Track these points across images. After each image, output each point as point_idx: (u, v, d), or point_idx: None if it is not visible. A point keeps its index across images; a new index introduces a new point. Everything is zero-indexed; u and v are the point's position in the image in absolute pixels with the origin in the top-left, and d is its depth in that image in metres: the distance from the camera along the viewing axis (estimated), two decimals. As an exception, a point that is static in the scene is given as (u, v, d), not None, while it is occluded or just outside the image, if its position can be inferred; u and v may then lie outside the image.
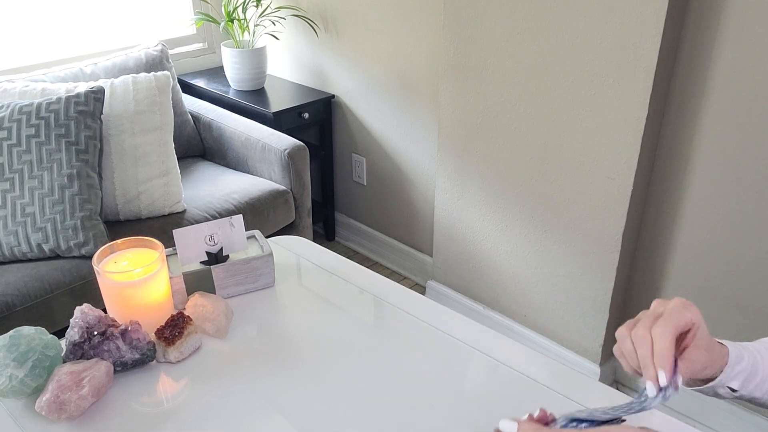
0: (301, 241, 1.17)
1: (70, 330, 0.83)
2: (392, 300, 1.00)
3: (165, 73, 1.98)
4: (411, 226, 2.43)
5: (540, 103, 1.69)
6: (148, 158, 1.90)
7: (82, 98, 1.75)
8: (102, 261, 0.90)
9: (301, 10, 2.43)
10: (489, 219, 1.95)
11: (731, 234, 1.56)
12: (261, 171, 2.17)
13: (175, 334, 0.86)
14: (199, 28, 2.66)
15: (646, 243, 1.73)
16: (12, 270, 1.65)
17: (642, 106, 1.49)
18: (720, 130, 1.50)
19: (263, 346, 0.90)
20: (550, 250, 1.83)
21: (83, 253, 1.69)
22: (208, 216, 1.93)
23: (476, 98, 1.83)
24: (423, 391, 0.82)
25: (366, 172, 2.51)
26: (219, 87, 2.51)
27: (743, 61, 1.42)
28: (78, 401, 0.76)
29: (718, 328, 1.64)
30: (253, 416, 0.78)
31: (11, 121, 1.69)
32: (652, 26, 1.41)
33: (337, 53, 2.40)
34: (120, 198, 1.87)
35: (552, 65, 1.63)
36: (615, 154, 1.58)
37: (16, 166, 1.67)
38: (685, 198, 1.62)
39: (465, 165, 1.95)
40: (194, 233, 0.97)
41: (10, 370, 0.77)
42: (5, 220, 1.65)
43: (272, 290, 1.02)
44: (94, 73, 2.13)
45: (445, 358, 0.88)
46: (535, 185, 1.79)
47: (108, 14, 2.42)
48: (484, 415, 0.75)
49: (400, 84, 2.23)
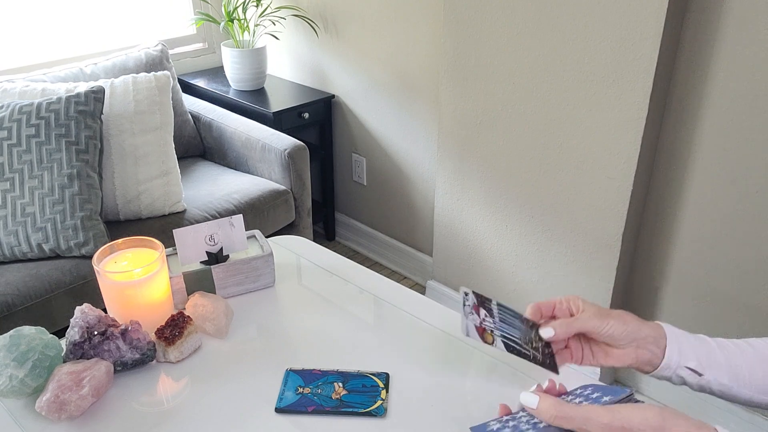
0: (301, 241, 1.17)
1: (70, 330, 0.83)
2: (392, 300, 1.00)
3: (165, 73, 1.98)
4: (411, 226, 2.43)
5: (540, 103, 1.69)
6: (148, 158, 1.90)
7: (83, 98, 1.75)
8: (102, 261, 0.90)
9: (301, 10, 2.43)
10: (489, 219, 1.95)
11: (731, 234, 1.56)
12: (261, 171, 2.17)
13: (175, 334, 0.86)
14: (199, 28, 2.66)
15: (646, 243, 1.73)
16: (12, 270, 1.65)
17: (642, 106, 1.49)
18: (720, 130, 1.50)
19: (263, 346, 0.90)
20: (550, 250, 1.83)
21: (83, 253, 1.69)
22: (208, 216, 1.93)
23: (476, 98, 1.83)
24: (422, 390, 0.82)
25: (366, 172, 2.51)
26: (219, 87, 2.51)
27: (743, 61, 1.42)
28: (78, 401, 0.76)
29: (719, 327, 1.64)
30: (253, 416, 0.78)
31: (11, 121, 1.69)
32: (652, 26, 1.41)
33: (337, 53, 2.40)
34: (120, 198, 1.87)
35: (552, 65, 1.63)
36: (615, 154, 1.58)
37: (16, 166, 1.67)
38: (685, 198, 1.62)
39: (465, 165, 1.95)
40: (194, 233, 0.97)
41: (10, 370, 0.77)
42: (5, 220, 1.65)
43: (272, 290, 1.02)
44: (94, 73, 2.13)
45: (445, 357, 0.88)
46: (535, 185, 1.79)
47: (108, 14, 2.42)
48: (485, 415, 0.75)
49: (400, 84, 2.23)
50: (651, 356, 0.74)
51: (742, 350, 0.75)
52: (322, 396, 0.80)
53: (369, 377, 0.82)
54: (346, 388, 0.81)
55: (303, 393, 0.80)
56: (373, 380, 0.82)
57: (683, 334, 0.75)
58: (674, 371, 0.74)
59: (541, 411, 0.62)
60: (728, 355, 0.74)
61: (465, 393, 0.82)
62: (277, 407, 0.78)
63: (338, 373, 0.83)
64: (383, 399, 0.79)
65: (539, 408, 0.62)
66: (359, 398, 0.79)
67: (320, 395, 0.80)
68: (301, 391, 0.80)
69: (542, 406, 0.62)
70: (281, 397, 0.80)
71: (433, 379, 0.84)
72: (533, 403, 0.62)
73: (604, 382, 0.75)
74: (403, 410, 0.79)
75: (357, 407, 0.78)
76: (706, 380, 0.74)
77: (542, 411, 0.61)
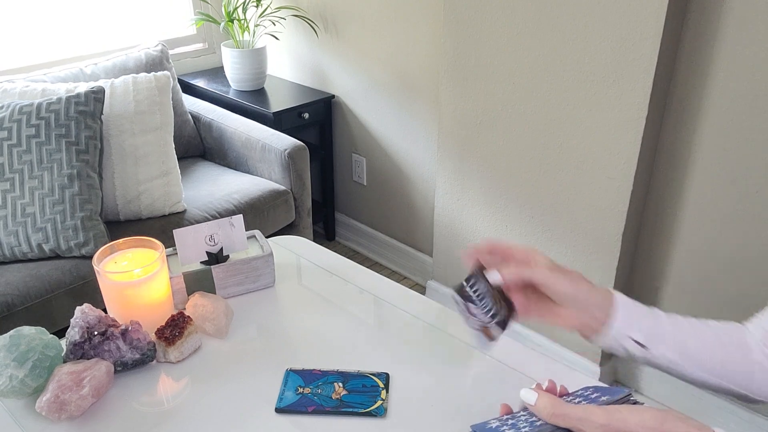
0: (301, 241, 1.17)
1: (70, 330, 0.83)
2: (392, 300, 1.00)
3: (165, 73, 1.98)
4: (411, 226, 2.43)
5: (540, 103, 1.69)
6: (149, 158, 1.90)
7: (83, 98, 1.75)
8: (102, 261, 0.90)
9: (301, 10, 2.43)
10: (489, 219, 1.95)
11: (731, 234, 1.56)
12: (261, 171, 2.17)
13: (175, 334, 0.86)
14: (199, 29, 2.66)
15: (646, 243, 1.73)
16: (12, 270, 1.65)
17: (642, 106, 1.49)
18: (720, 130, 1.50)
19: (263, 346, 0.90)
20: (550, 250, 1.83)
21: (83, 253, 1.69)
22: (208, 216, 1.93)
23: (476, 98, 1.83)
24: (422, 390, 0.82)
25: (366, 172, 2.51)
26: (219, 87, 2.51)
27: (743, 61, 1.42)
28: (78, 401, 0.76)
29: (718, 328, 1.64)
30: (253, 416, 0.78)
31: (11, 121, 1.69)
32: (652, 26, 1.41)
33: (337, 53, 2.40)
34: (120, 198, 1.87)
35: (552, 65, 1.63)
36: (615, 154, 1.58)
37: (16, 166, 1.67)
38: (685, 198, 1.62)
39: (465, 165, 1.95)
40: (194, 233, 0.97)
41: (11, 370, 0.77)
42: (5, 220, 1.65)
43: (272, 290, 1.02)
44: (94, 74, 2.13)
45: (445, 357, 0.88)
46: (535, 185, 1.79)
47: (108, 14, 2.42)
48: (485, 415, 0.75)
49: (400, 84, 2.23)
50: (593, 322, 0.73)
51: (697, 329, 0.74)
52: (322, 396, 0.80)
53: (369, 377, 0.82)
54: (346, 388, 0.81)
55: (303, 393, 0.80)
56: (373, 380, 0.82)
57: (634, 305, 0.74)
58: (618, 341, 0.73)
59: (539, 408, 0.62)
60: (680, 331, 0.73)
61: (465, 393, 0.82)
62: (277, 407, 0.79)
63: (338, 373, 0.83)
64: (383, 399, 0.79)
65: (537, 405, 0.62)
66: (359, 398, 0.79)
67: (320, 395, 0.80)
68: (301, 391, 0.80)
69: (540, 403, 0.62)
70: (281, 397, 0.80)
71: (433, 379, 0.84)
72: (531, 400, 0.62)
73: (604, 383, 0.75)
74: (403, 410, 0.79)
75: (357, 407, 0.78)
76: (652, 354, 0.73)
77: (540, 408, 0.61)
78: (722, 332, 0.74)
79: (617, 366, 1.92)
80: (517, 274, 0.74)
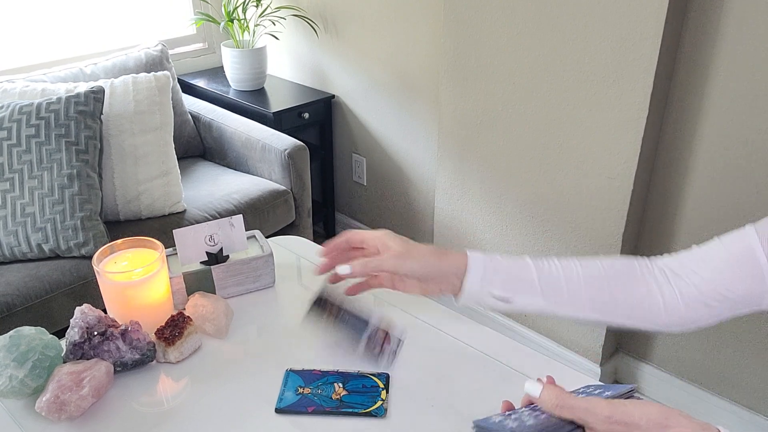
0: (301, 241, 1.17)
1: (70, 330, 0.83)
2: (392, 300, 1.00)
3: (165, 73, 1.98)
4: (411, 226, 2.43)
5: (540, 103, 1.69)
6: (148, 158, 1.90)
7: (82, 98, 1.75)
8: (102, 261, 0.90)
9: (301, 10, 2.43)
10: (489, 219, 1.95)
11: (731, 234, 1.55)
12: (261, 171, 2.17)
13: (175, 334, 0.86)
14: (199, 28, 2.66)
15: (647, 243, 1.73)
16: (12, 270, 1.65)
17: (642, 106, 1.49)
18: (720, 130, 1.50)
19: (263, 347, 0.90)
20: (550, 250, 1.83)
21: (83, 253, 1.69)
22: (208, 216, 1.93)
23: (476, 98, 1.83)
24: (422, 390, 0.82)
25: (366, 172, 2.51)
26: (219, 87, 2.51)
27: (743, 61, 1.42)
28: (78, 401, 0.76)
29: (719, 327, 1.64)
30: (253, 416, 0.78)
31: (11, 121, 1.69)
32: (652, 26, 1.41)
33: (337, 53, 2.40)
34: (120, 198, 1.87)
35: (552, 65, 1.63)
36: (615, 154, 1.58)
37: (16, 166, 1.67)
38: (685, 198, 1.62)
39: (465, 165, 1.95)
40: (194, 233, 0.97)
41: (10, 371, 0.77)
42: (5, 220, 1.65)
43: (272, 290, 1.02)
44: (94, 73, 2.13)
45: (445, 357, 0.88)
46: (535, 185, 1.79)
47: (108, 14, 2.42)
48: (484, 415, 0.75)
49: (400, 84, 2.23)
50: (452, 288, 0.79)
51: (568, 269, 0.78)
52: (322, 396, 0.80)
53: (369, 377, 0.82)
54: (346, 388, 0.81)
55: (303, 393, 0.80)
56: (373, 380, 0.82)
57: (491, 261, 0.78)
58: (479, 300, 0.78)
59: (543, 400, 0.61)
60: (547, 276, 0.78)
61: (465, 393, 0.82)
62: (277, 407, 0.78)
63: (338, 374, 0.83)
64: (383, 399, 0.79)
65: (542, 396, 0.62)
66: (359, 398, 0.79)
67: (320, 395, 0.80)
68: (301, 392, 0.80)
69: (545, 394, 0.61)
70: (281, 397, 0.80)
71: (433, 379, 0.84)
72: (536, 392, 0.62)
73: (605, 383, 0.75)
74: (403, 410, 0.79)
75: (357, 407, 0.78)
76: (517, 305, 0.78)
77: (544, 400, 0.61)
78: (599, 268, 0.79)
79: (618, 366, 1.92)
80: (366, 266, 0.80)
